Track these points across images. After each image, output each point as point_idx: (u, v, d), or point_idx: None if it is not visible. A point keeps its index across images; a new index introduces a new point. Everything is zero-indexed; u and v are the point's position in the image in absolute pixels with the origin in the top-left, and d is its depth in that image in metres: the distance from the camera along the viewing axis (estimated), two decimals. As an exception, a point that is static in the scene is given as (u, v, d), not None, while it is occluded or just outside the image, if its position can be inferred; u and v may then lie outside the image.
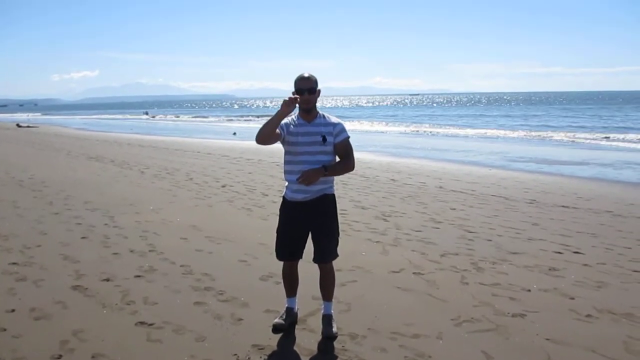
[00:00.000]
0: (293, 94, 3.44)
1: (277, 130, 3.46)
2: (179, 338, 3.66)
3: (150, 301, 4.32)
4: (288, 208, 3.68)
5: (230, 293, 4.49)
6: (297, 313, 3.93)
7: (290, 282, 3.86)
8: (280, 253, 3.79)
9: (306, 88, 3.45)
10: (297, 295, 3.92)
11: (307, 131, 3.54)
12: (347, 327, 3.80)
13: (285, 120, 3.51)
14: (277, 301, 4.22)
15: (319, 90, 3.54)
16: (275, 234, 3.80)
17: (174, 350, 3.50)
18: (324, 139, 3.53)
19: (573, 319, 4.04)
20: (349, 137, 3.63)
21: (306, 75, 3.47)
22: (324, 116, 3.62)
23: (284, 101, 3.33)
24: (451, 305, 4.26)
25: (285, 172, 3.67)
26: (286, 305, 3.89)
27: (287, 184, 3.68)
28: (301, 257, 3.80)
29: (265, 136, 3.42)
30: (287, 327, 3.76)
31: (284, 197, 3.73)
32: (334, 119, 3.63)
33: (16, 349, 3.49)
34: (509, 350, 3.52)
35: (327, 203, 3.66)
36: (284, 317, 3.81)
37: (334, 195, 3.72)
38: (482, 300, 4.36)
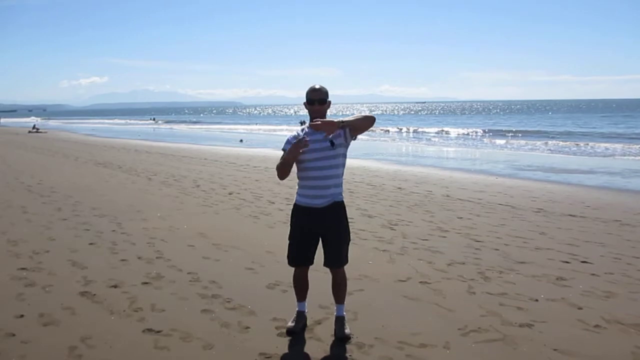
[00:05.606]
0: (305, 105, 3.67)
1: (287, 147, 3.62)
2: (187, 346, 3.68)
3: (158, 308, 4.34)
4: (300, 214, 3.77)
5: (237, 301, 4.50)
6: (306, 316, 4.04)
7: (301, 287, 3.98)
8: (293, 259, 3.87)
9: (316, 99, 3.65)
10: (306, 300, 4.03)
11: (316, 138, 3.60)
12: (354, 336, 3.80)
13: (292, 134, 3.72)
14: (283, 309, 4.24)
15: (329, 102, 3.70)
16: (287, 241, 3.88)
17: (181, 357, 3.52)
18: (332, 144, 3.59)
19: (581, 329, 4.01)
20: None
21: (317, 86, 3.68)
22: None
23: (298, 142, 3.50)
24: (458, 315, 4.25)
25: (298, 178, 3.77)
26: (297, 309, 4.00)
27: (298, 190, 3.78)
28: (312, 263, 3.88)
29: (285, 175, 3.63)
30: (299, 331, 3.86)
31: (295, 204, 3.81)
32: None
33: (25, 354, 3.52)
34: (517, 361, 3.51)
35: (339, 209, 3.74)
36: (296, 320, 3.93)
37: (344, 202, 3.80)
38: (489, 310, 4.34)
